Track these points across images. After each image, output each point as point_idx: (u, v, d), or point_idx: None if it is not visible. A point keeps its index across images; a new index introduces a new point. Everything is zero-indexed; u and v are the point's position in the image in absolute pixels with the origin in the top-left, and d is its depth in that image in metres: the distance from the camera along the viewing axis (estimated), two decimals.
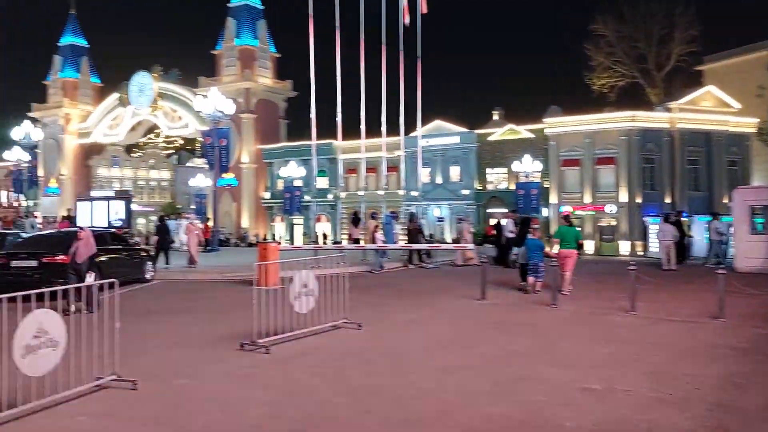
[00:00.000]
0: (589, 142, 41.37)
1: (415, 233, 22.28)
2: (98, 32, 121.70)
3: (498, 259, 20.97)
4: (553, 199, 42.14)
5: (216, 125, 28.14)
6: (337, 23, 22.10)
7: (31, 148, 37.10)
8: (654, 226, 26.40)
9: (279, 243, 20.70)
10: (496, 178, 46.09)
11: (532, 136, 43.57)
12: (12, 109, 69.22)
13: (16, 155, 36.72)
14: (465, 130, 46.87)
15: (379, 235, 20.36)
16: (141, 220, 68.34)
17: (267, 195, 54.36)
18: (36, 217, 33.54)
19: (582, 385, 6.91)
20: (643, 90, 50.28)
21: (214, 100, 27.26)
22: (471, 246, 21.86)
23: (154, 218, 72.90)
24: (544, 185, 40.96)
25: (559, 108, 43.94)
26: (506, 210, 37.92)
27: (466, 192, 45.91)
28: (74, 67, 64.09)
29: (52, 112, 63.34)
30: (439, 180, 46.78)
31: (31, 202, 60.89)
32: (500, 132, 45.40)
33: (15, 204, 58.02)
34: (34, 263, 13.26)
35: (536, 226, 16.66)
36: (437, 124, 46.93)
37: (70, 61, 64.14)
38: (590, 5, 62.64)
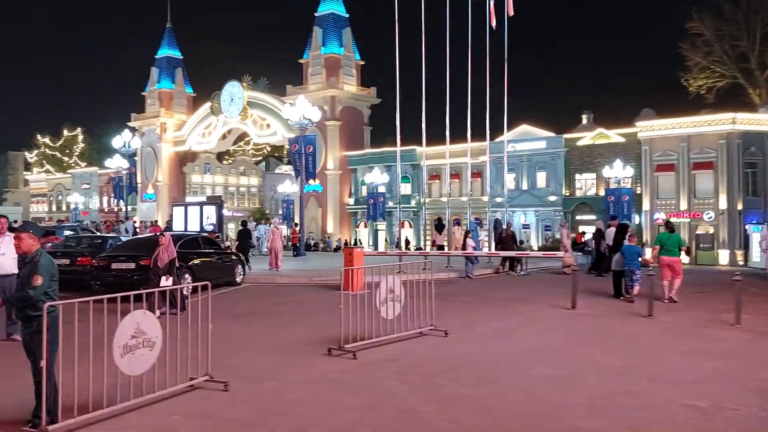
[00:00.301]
0: (684, 146, 39.40)
1: (509, 240, 21.94)
2: (191, 43, 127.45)
3: (593, 266, 20.39)
4: (646, 205, 40.41)
5: (303, 132, 28.71)
6: (423, 28, 21.99)
7: (130, 156, 39.16)
8: (757, 234, 24.78)
9: (362, 247, 20.76)
10: (585, 183, 44.66)
11: (622, 140, 41.94)
12: (115, 120, 73.26)
13: (116, 163, 38.92)
14: (552, 134, 45.70)
15: (471, 242, 20.18)
16: (231, 225, 70.93)
17: (351, 201, 55.02)
18: (134, 221, 35.31)
19: (684, 401, 6.50)
20: (745, 91, 47.46)
21: (302, 108, 27.82)
22: (562, 253, 21.19)
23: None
24: (636, 191, 39.38)
25: (652, 111, 42.11)
26: (594, 217, 36.72)
27: (553, 198, 44.77)
28: (170, 78, 67.23)
29: (149, 121, 66.69)
30: (524, 186, 45.84)
31: (130, 207, 64.36)
32: (590, 136, 43.97)
33: (116, 209, 61.49)
34: (132, 265, 13.88)
35: (630, 232, 16.08)
36: (523, 128, 46.03)
37: (166, 73, 67.36)
38: (685, 2, 59.57)
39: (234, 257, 17.51)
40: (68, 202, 76.57)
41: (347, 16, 56.88)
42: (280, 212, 47.27)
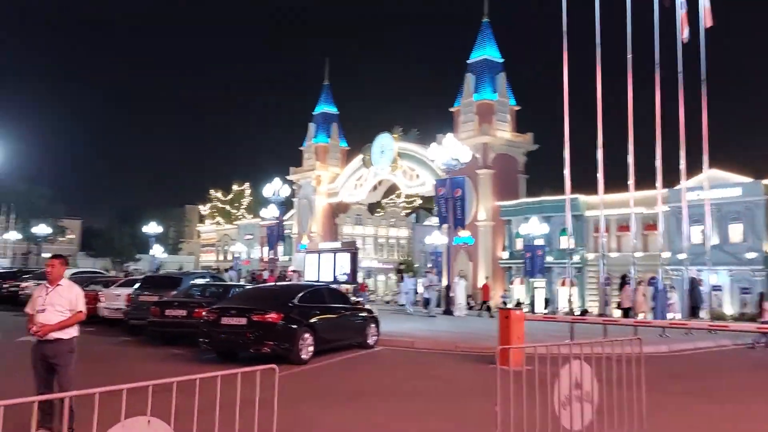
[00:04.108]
0: None
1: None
2: (346, 99, 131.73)
3: None
4: None
5: (450, 175, 25.87)
6: (598, 63, 18.16)
7: (280, 204, 38.65)
8: None
9: (521, 309, 17.18)
10: None
11: None
12: (278, 174, 75.13)
13: (270, 212, 38.62)
14: (749, 179, 39.11)
15: None
16: (381, 277, 69.99)
17: (505, 255, 51.04)
18: (261, 269, 34.31)
19: None
20: None
21: (449, 148, 25.13)
22: None
23: (392, 275, 74.13)
24: None
25: None
26: None
27: (751, 255, 37.82)
28: (326, 133, 68.42)
29: (306, 174, 67.88)
30: (713, 240, 39.21)
31: (288, 257, 65.12)
32: None
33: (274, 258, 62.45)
34: (243, 321, 11.59)
35: None
36: (711, 173, 39.67)
37: (322, 128, 68.72)
38: None
39: (365, 314, 14.72)
40: (232, 251, 79.93)
41: (502, 60, 54.20)
42: (429, 264, 44.59)
